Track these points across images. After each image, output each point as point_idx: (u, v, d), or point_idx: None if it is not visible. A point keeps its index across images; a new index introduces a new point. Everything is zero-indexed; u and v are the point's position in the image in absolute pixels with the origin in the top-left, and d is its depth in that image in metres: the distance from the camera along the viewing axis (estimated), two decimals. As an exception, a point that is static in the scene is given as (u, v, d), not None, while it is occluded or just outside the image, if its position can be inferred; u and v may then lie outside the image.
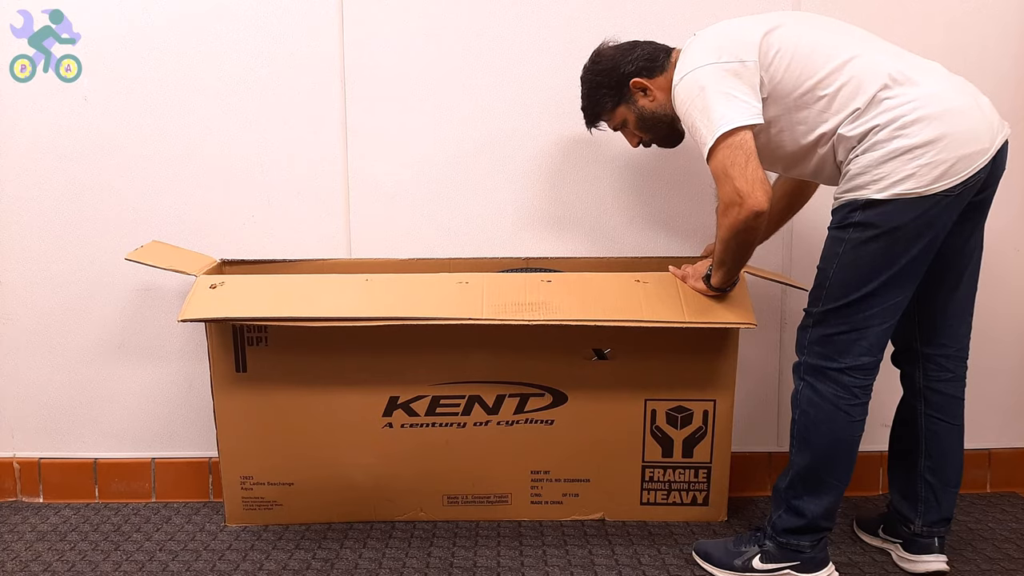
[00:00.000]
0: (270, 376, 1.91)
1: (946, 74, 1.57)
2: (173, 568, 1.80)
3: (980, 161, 1.50)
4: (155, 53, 2.05)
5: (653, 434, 1.95)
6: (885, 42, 1.63)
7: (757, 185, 1.52)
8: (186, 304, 1.78)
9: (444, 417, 1.93)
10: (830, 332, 1.61)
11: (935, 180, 1.48)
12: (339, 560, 1.82)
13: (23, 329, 2.14)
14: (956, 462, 1.74)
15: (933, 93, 1.50)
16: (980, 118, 1.52)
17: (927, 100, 1.49)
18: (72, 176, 2.09)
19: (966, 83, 1.57)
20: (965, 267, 1.69)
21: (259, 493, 1.97)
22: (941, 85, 1.53)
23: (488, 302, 1.76)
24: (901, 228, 1.51)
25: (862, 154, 1.53)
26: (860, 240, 1.55)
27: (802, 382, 1.67)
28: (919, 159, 1.47)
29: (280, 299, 1.78)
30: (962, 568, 1.77)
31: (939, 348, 1.73)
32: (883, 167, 1.50)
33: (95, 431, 2.18)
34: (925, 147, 1.47)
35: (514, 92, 2.08)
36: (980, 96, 1.56)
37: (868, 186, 1.52)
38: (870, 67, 1.54)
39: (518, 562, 1.81)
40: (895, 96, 1.51)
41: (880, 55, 1.57)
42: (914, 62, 1.57)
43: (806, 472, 1.66)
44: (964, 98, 1.52)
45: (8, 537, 1.97)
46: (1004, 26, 2.08)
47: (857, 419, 1.63)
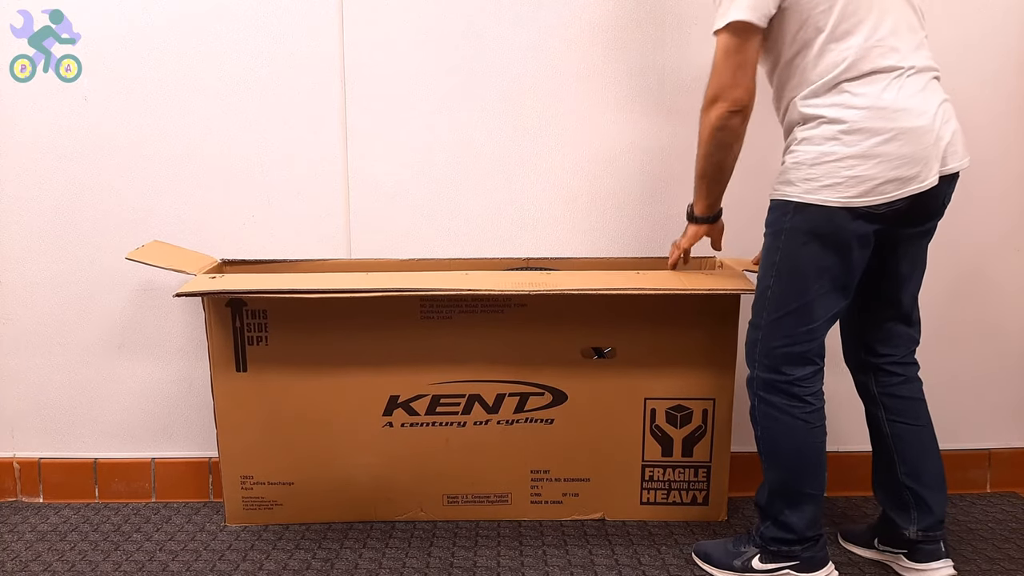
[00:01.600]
0: (271, 376, 1.91)
1: (926, 86, 1.51)
2: (173, 568, 1.80)
3: (912, 188, 1.47)
4: (155, 53, 2.05)
5: (653, 433, 1.95)
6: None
7: (740, 85, 1.50)
8: (184, 286, 1.78)
9: (444, 416, 1.93)
10: (775, 344, 1.60)
11: (861, 194, 1.46)
12: (339, 560, 1.82)
13: (23, 329, 2.14)
14: (932, 463, 1.72)
15: (886, 104, 1.46)
16: (931, 145, 1.47)
17: (875, 111, 1.46)
18: (72, 176, 2.09)
19: (944, 106, 1.52)
20: (905, 281, 1.66)
21: (259, 493, 1.97)
22: (909, 102, 1.47)
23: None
24: (831, 236, 1.50)
25: (799, 145, 1.52)
26: (794, 248, 1.54)
27: (756, 397, 1.67)
28: (850, 170, 1.46)
29: (279, 284, 1.79)
30: (962, 568, 1.77)
31: (884, 357, 1.72)
32: (815, 168, 1.48)
33: (95, 431, 2.18)
34: (860, 159, 1.45)
35: (514, 92, 2.08)
36: (948, 123, 1.51)
37: (799, 183, 1.50)
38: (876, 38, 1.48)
39: (518, 562, 1.81)
40: (854, 92, 1.47)
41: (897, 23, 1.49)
42: (910, 57, 1.50)
43: (781, 487, 1.66)
44: (923, 120, 1.47)
45: (8, 537, 1.97)
46: (1005, 26, 2.08)
47: (816, 425, 1.63)
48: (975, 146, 2.09)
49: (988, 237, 2.15)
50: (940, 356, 2.18)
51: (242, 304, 1.88)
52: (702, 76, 2.10)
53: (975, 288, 2.16)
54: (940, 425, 2.20)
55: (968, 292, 2.16)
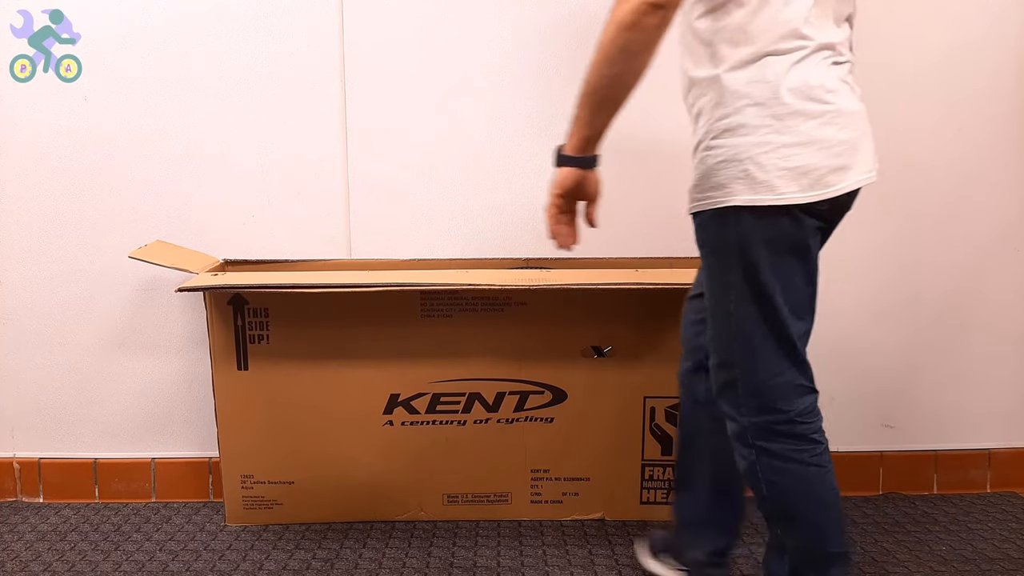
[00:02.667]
0: (271, 374, 1.91)
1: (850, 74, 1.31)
2: (173, 568, 1.80)
3: (860, 178, 1.26)
4: (155, 53, 2.05)
5: (653, 432, 1.95)
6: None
7: None
8: (187, 282, 1.79)
9: (444, 415, 1.93)
10: (762, 379, 1.29)
11: (807, 187, 1.22)
12: (339, 560, 1.82)
13: (23, 329, 2.14)
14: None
15: (835, 85, 1.24)
16: (868, 133, 1.29)
17: (826, 91, 1.23)
18: (72, 176, 2.09)
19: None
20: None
21: (259, 492, 1.97)
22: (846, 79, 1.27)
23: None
24: (785, 239, 1.25)
25: (725, 136, 1.24)
26: (749, 261, 1.25)
27: (753, 450, 1.33)
28: (795, 159, 1.21)
29: (281, 280, 1.79)
30: (962, 568, 1.77)
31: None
32: (749, 163, 1.22)
33: (95, 431, 2.18)
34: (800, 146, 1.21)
35: (514, 92, 2.08)
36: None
37: (738, 180, 1.23)
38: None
39: (518, 562, 1.81)
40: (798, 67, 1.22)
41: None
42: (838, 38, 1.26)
43: (806, 553, 1.34)
44: (860, 104, 1.28)
45: (8, 537, 1.96)
46: (1004, 26, 2.08)
47: (828, 466, 1.32)
48: (975, 146, 2.11)
49: (988, 237, 2.15)
50: (940, 356, 2.19)
51: (244, 302, 1.88)
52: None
53: (975, 288, 2.16)
54: (940, 425, 2.21)
55: (968, 292, 2.17)
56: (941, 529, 1.97)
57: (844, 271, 2.14)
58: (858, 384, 2.19)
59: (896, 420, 2.21)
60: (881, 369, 2.19)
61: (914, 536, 1.93)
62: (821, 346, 2.16)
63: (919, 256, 2.15)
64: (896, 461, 2.20)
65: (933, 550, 1.86)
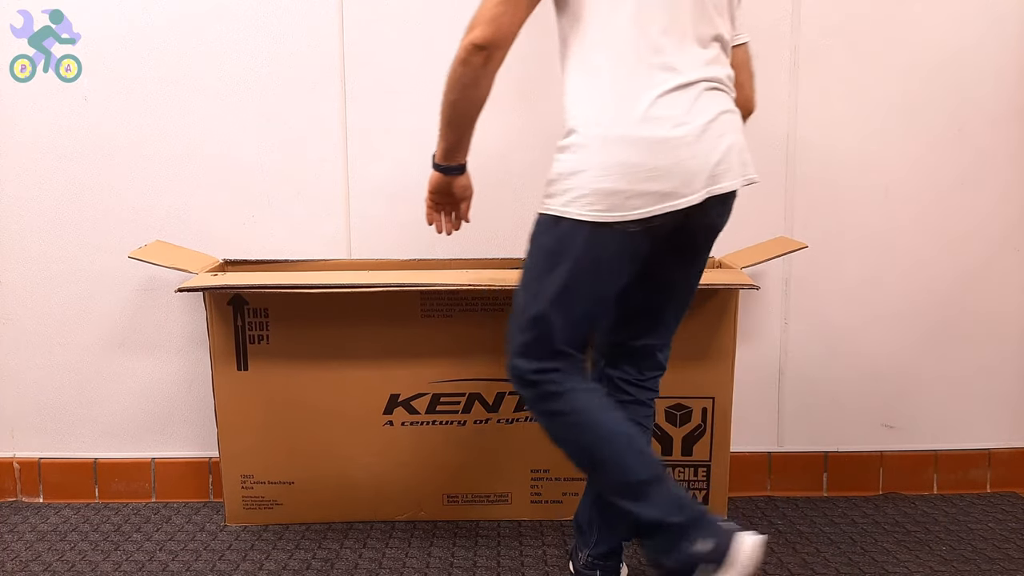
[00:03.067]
0: (271, 374, 1.91)
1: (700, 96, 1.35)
2: (173, 568, 1.80)
3: (669, 204, 1.33)
4: (155, 53, 2.05)
5: (652, 432, 1.95)
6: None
7: (491, 20, 1.34)
8: (186, 282, 1.79)
9: (444, 415, 1.93)
10: None
11: (607, 209, 1.32)
12: (339, 560, 1.82)
13: (23, 329, 2.14)
14: None
15: (643, 114, 1.31)
16: (690, 159, 1.33)
17: (630, 120, 1.32)
18: (72, 176, 2.09)
19: (722, 119, 1.37)
20: (655, 307, 1.55)
21: (259, 492, 1.97)
22: (673, 106, 1.33)
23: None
24: (564, 253, 1.36)
25: (562, 152, 1.37)
26: (539, 262, 1.40)
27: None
28: (596, 181, 1.32)
29: (281, 280, 1.80)
30: (962, 568, 1.77)
31: (618, 369, 1.58)
32: (570, 178, 1.34)
33: (95, 431, 2.18)
34: (605, 170, 1.31)
35: (514, 92, 2.08)
36: (723, 137, 1.36)
37: (559, 196, 1.36)
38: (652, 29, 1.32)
39: (518, 562, 1.81)
40: (614, 95, 1.33)
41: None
42: (681, 62, 1.34)
43: (615, 490, 1.45)
44: (684, 131, 1.32)
45: (8, 537, 1.96)
46: (1004, 26, 2.08)
47: (584, 406, 1.47)
48: (976, 147, 2.11)
49: (988, 237, 2.15)
50: (940, 356, 2.19)
51: (244, 302, 1.88)
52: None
53: (975, 287, 2.17)
54: (940, 425, 2.22)
55: (968, 291, 2.17)
56: (941, 529, 1.97)
57: (844, 271, 2.15)
58: (858, 384, 2.19)
59: (896, 420, 2.21)
60: (881, 369, 2.19)
61: (914, 536, 1.93)
62: (821, 346, 2.17)
63: (919, 256, 2.15)
64: (896, 461, 2.20)
65: (933, 550, 1.86)
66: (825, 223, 2.13)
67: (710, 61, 1.38)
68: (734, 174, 1.39)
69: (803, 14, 2.06)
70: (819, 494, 2.19)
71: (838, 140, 2.11)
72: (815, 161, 2.11)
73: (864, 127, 2.10)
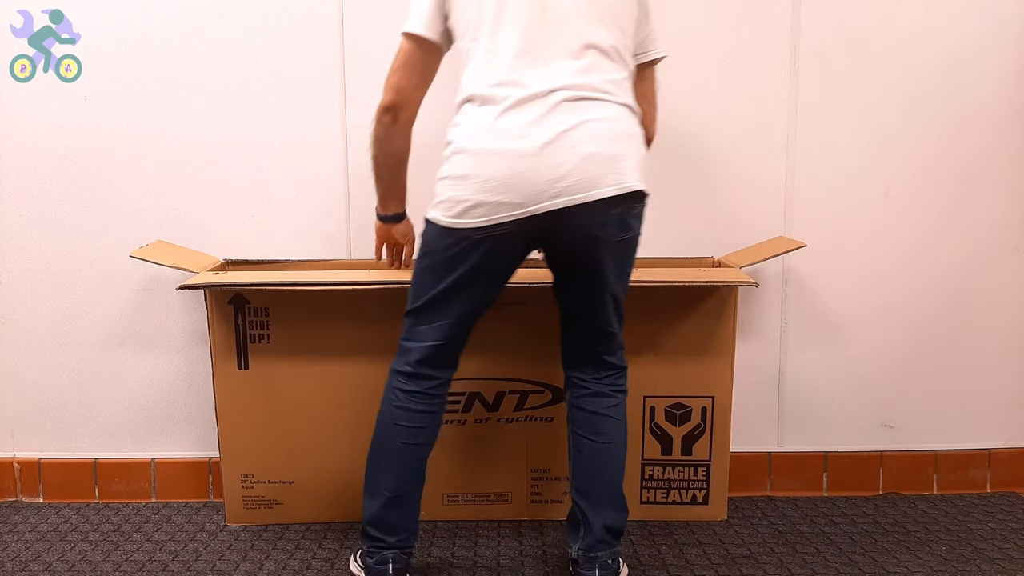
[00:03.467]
0: (272, 374, 1.91)
1: (554, 109, 1.41)
2: (173, 568, 1.80)
3: (512, 213, 1.41)
4: (155, 53, 2.05)
5: (652, 431, 1.96)
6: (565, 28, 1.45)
7: (393, 87, 1.55)
8: (188, 280, 1.80)
9: (445, 414, 1.93)
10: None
11: (457, 215, 1.44)
12: (339, 560, 1.82)
13: (23, 329, 2.14)
14: (603, 481, 1.62)
15: (488, 127, 1.42)
16: (532, 169, 1.39)
17: (476, 134, 1.43)
18: (72, 176, 2.09)
19: (577, 132, 1.41)
20: (580, 315, 1.60)
21: (259, 492, 1.97)
22: (517, 120, 1.41)
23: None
24: (434, 254, 1.51)
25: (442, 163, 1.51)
26: (419, 258, 1.56)
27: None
28: (450, 190, 1.45)
29: (282, 279, 1.80)
30: (962, 568, 1.77)
31: (574, 370, 1.66)
32: (438, 184, 1.49)
33: (95, 431, 2.18)
34: (456, 179, 1.44)
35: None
36: (576, 147, 1.40)
37: (433, 201, 1.50)
38: (494, 60, 1.45)
39: (518, 562, 1.81)
40: (468, 115, 1.46)
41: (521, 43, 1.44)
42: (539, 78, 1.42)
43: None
44: (527, 143, 1.39)
45: (8, 537, 1.96)
46: (1004, 26, 2.08)
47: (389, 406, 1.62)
48: (976, 147, 2.11)
49: (988, 237, 2.16)
50: (940, 356, 2.19)
51: (245, 301, 1.88)
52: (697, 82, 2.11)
53: (975, 288, 2.17)
54: (940, 425, 2.22)
55: (967, 291, 2.17)
56: (941, 529, 1.97)
57: (844, 272, 2.15)
58: (858, 384, 2.19)
59: (896, 420, 2.21)
60: (881, 369, 2.19)
61: (914, 536, 1.93)
62: (821, 346, 2.17)
63: (919, 256, 2.15)
64: (896, 461, 2.20)
65: (933, 550, 1.86)
66: (825, 223, 2.13)
67: (581, 71, 1.44)
68: (591, 185, 1.40)
69: (803, 14, 2.06)
70: (819, 494, 2.19)
71: (838, 140, 2.11)
72: (815, 161, 2.11)
73: (864, 127, 2.11)
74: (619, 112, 1.46)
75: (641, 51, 1.61)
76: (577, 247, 1.49)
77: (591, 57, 1.45)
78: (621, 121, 1.46)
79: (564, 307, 1.63)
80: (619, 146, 1.44)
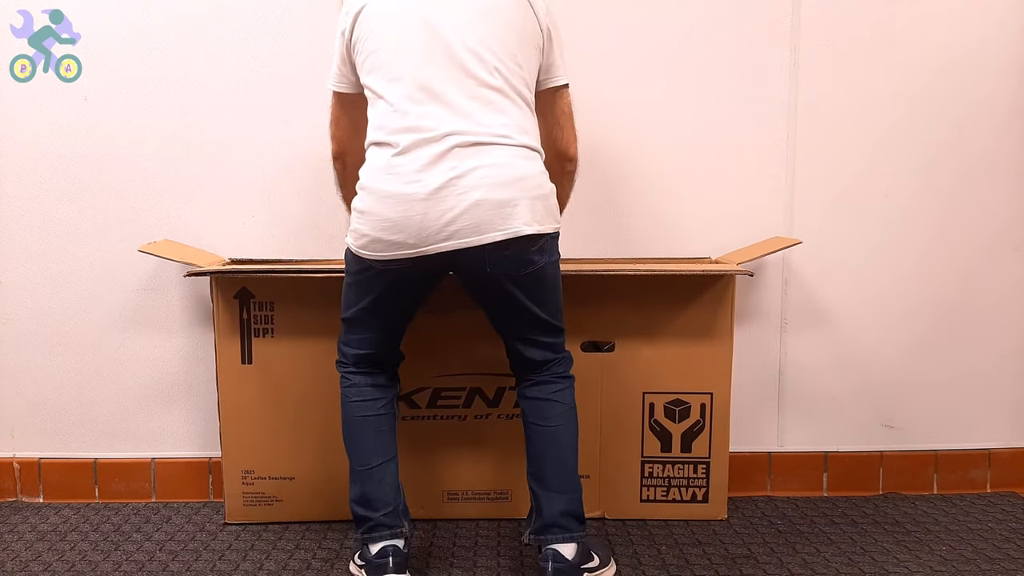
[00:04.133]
0: (275, 368, 1.92)
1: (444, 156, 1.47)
2: (173, 568, 1.79)
3: (407, 252, 1.49)
4: (155, 53, 2.06)
5: (652, 428, 1.96)
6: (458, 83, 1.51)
7: (332, 138, 1.73)
8: (195, 268, 1.83)
9: (445, 410, 1.94)
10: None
11: (361, 246, 1.54)
12: (339, 560, 1.82)
13: (23, 329, 2.14)
14: (554, 466, 1.64)
15: (383, 169, 1.51)
16: (421, 214, 1.46)
17: (374, 174, 1.52)
18: (72, 176, 2.09)
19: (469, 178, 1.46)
20: (498, 320, 1.65)
21: (260, 488, 1.98)
22: (410, 164, 1.48)
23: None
24: (352, 275, 1.62)
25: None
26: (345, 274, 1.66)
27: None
28: (355, 222, 1.55)
29: (288, 268, 1.83)
30: (962, 568, 1.77)
31: (517, 369, 1.70)
32: (352, 216, 1.58)
33: (95, 431, 2.18)
34: (359, 213, 1.54)
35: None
36: (466, 194, 1.46)
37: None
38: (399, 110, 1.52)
39: (518, 562, 1.80)
40: (371, 154, 1.56)
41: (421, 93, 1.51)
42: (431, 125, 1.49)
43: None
44: (417, 188, 1.47)
45: (8, 537, 1.96)
46: (1005, 26, 2.09)
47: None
48: (977, 147, 2.11)
49: (988, 237, 2.16)
50: (940, 356, 2.19)
51: (250, 295, 1.89)
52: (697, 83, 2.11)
53: (975, 288, 2.17)
54: (940, 425, 2.22)
55: (968, 292, 2.17)
56: (941, 529, 1.97)
57: (844, 272, 2.15)
58: (858, 384, 2.19)
59: (896, 420, 2.21)
60: (881, 369, 2.19)
61: (914, 536, 1.93)
62: (822, 346, 2.17)
63: (919, 256, 2.15)
64: (896, 461, 2.20)
65: (933, 550, 1.86)
66: (825, 224, 2.13)
67: (475, 113, 1.49)
68: (479, 230, 1.47)
69: (803, 14, 2.06)
70: (819, 494, 2.19)
71: (838, 140, 2.11)
72: (815, 161, 2.11)
73: (864, 127, 2.11)
74: (512, 156, 1.50)
75: (545, 77, 1.64)
76: (480, 281, 1.57)
77: (486, 97, 1.50)
78: (514, 166, 1.50)
79: (491, 323, 1.68)
80: (509, 192, 1.48)
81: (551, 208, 1.56)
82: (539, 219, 1.52)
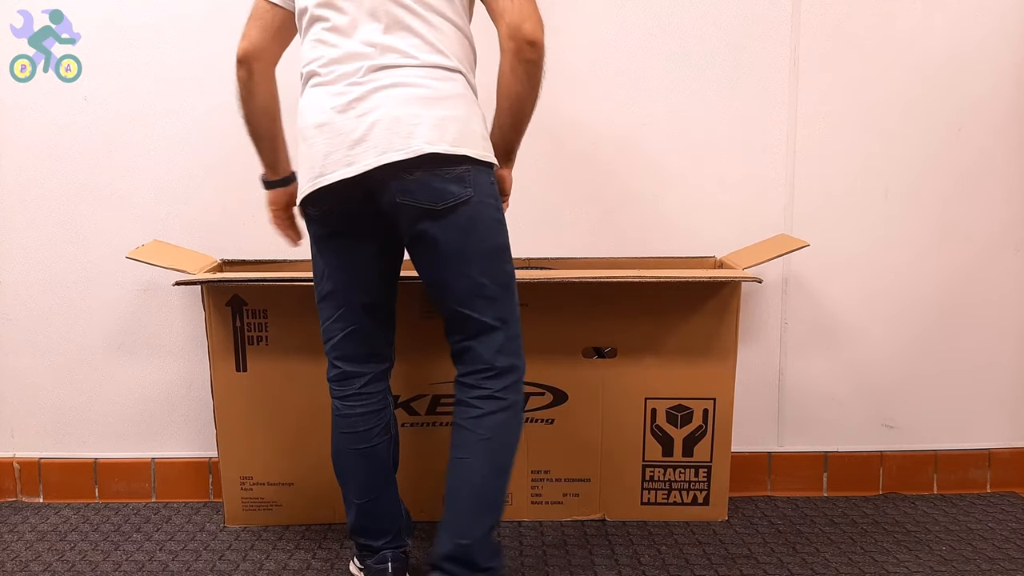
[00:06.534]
0: (270, 376, 1.91)
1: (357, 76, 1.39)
2: (173, 568, 1.80)
3: (318, 181, 1.41)
4: (155, 53, 2.05)
5: (653, 433, 1.95)
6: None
7: (242, 36, 1.52)
8: (184, 276, 1.81)
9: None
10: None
11: (300, 196, 1.48)
12: (339, 560, 1.82)
13: (23, 329, 2.14)
14: (452, 504, 1.46)
15: (304, 104, 1.46)
16: (327, 140, 1.40)
17: (301, 108, 1.46)
18: (72, 176, 2.09)
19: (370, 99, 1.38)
20: (432, 288, 1.50)
21: (259, 493, 1.97)
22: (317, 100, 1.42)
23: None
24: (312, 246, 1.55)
25: None
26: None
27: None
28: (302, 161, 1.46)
29: (279, 275, 1.82)
30: (962, 568, 1.77)
31: (457, 370, 1.52)
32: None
33: (95, 431, 2.18)
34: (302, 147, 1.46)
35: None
36: (366, 115, 1.37)
37: None
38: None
39: (518, 563, 1.81)
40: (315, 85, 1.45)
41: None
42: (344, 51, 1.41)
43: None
44: (324, 115, 1.40)
45: (8, 537, 1.96)
46: (1005, 25, 2.08)
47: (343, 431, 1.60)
48: (976, 147, 2.11)
49: (988, 237, 2.15)
50: (940, 355, 2.19)
51: (243, 303, 1.88)
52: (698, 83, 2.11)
53: (975, 288, 2.17)
54: (940, 425, 2.22)
55: (968, 291, 2.17)
56: (941, 529, 1.97)
57: (844, 272, 2.15)
58: (858, 384, 2.19)
59: (896, 420, 2.21)
60: (881, 369, 2.19)
61: (914, 536, 1.93)
62: (821, 346, 2.17)
63: (919, 256, 2.15)
64: (896, 461, 2.20)
65: (933, 550, 1.86)
66: (825, 223, 2.13)
67: (383, 33, 1.39)
68: (379, 151, 1.36)
69: (803, 14, 2.06)
70: (819, 494, 2.20)
71: (838, 140, 2.11)
72: (815, 161, 2.11)
73: (864, 127, 2.10)
74: (419, 76, 1.38)
75: None
76: (396, 219, 1.43)
77: (394, 15, 1.39)
78: (421, 85, 1.38)
79: (430, 298, 1.54)
80: (412, 108, 1.36)
81: (472, 134, 1.40)
82: (450, 140, 1.36)
